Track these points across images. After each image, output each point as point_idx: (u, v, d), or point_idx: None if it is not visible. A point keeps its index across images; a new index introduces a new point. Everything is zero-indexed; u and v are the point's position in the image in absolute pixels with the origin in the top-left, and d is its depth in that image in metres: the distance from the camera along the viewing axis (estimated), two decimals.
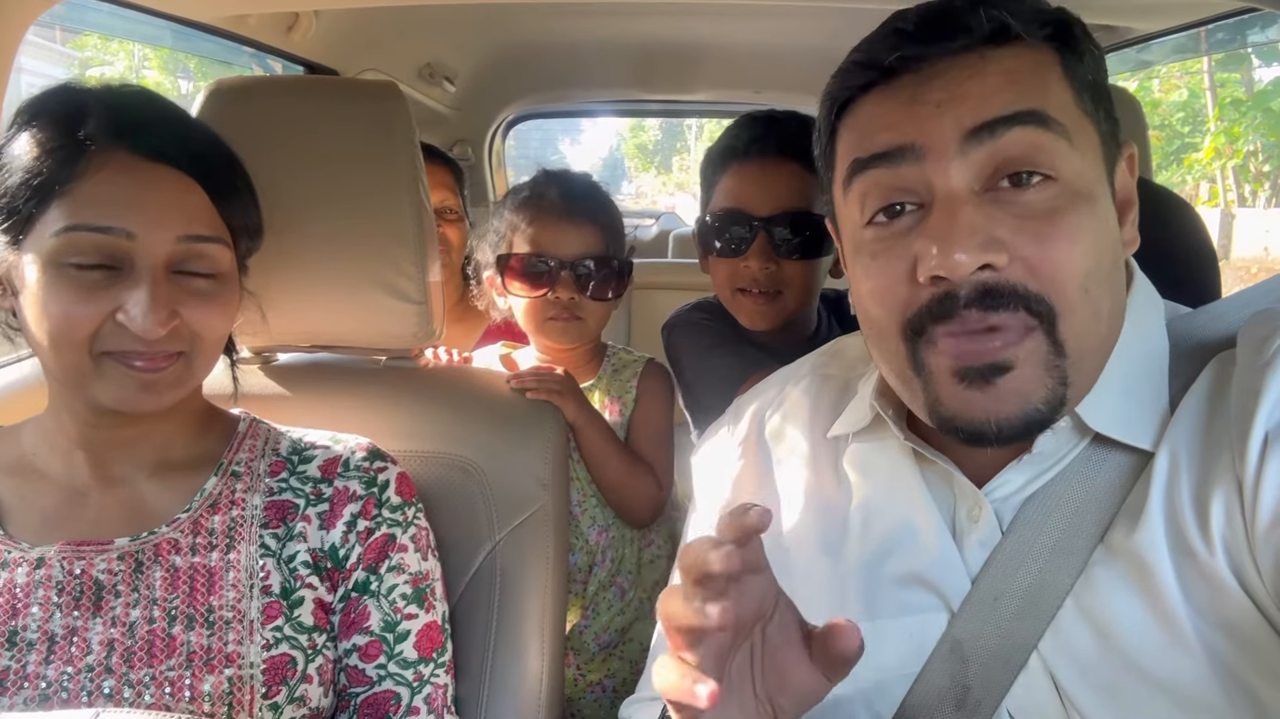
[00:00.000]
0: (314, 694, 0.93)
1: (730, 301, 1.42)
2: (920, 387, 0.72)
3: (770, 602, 0.63)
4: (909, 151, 0.70)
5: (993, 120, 0.67)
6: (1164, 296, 0.79)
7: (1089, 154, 0.70)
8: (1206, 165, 12.39)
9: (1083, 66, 0.71)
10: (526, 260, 1.44)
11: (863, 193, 0.74)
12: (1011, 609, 0.71)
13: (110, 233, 0.83)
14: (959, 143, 0.68)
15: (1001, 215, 0.67)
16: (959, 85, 0.69)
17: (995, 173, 0.68)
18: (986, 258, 0.66)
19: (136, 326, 0.83)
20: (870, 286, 0.73)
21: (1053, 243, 0.66)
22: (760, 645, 0.64)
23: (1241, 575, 0.62)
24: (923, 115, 0.70)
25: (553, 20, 2.36)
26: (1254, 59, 12.04)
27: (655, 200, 23.77)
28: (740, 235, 1.35)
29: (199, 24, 1.68)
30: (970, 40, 0.69)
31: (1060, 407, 0.68)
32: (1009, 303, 0.66)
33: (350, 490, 0.98)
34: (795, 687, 0.63)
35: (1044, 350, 0.67)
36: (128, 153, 0.86)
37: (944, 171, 0.69)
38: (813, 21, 2.21)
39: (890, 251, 0.71)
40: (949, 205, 0.68)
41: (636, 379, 1.54)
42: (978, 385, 0.68)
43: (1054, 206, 0.67)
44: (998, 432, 0.68)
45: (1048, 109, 0.68)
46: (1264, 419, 0.62)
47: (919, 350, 0.70)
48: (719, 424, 1.00)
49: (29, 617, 0.85)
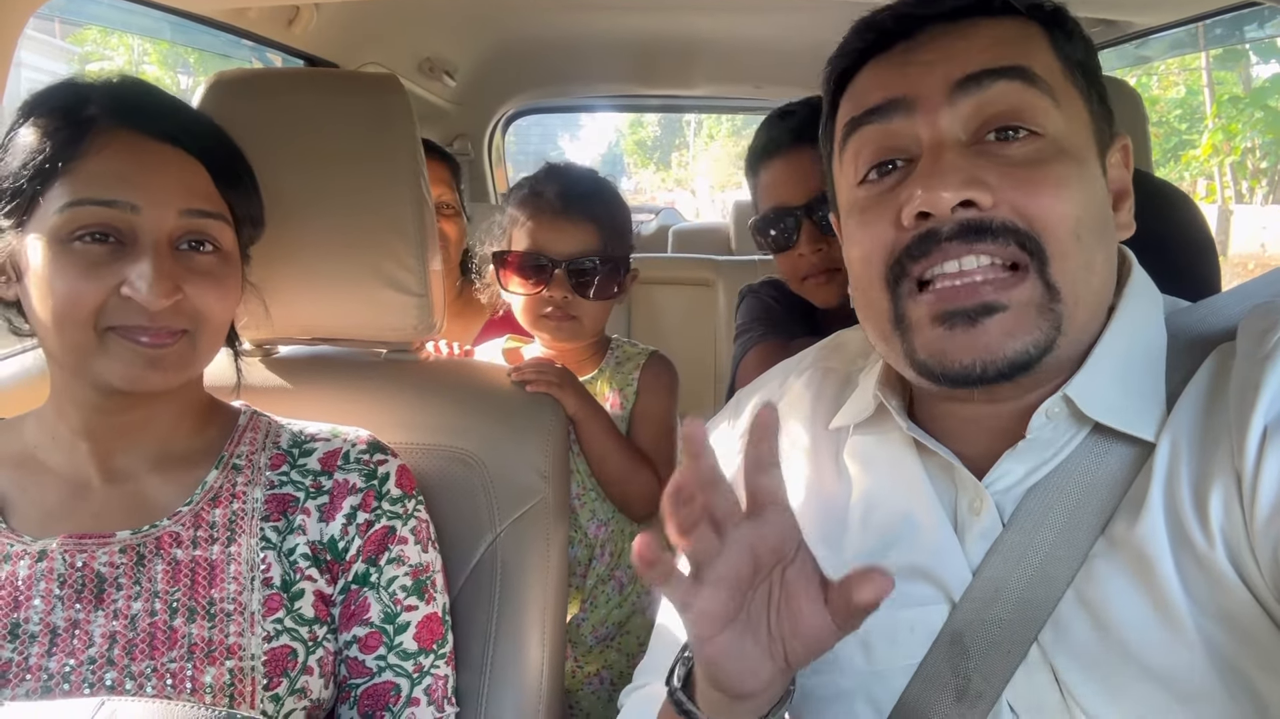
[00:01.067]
0: (315, 686, 0.93)
1: (800, 289, 1.49)
2: (899, 341, 0.73)
3: (791, 544, 0.64)
4: (899, 104, 0.73)
5: (979, 72, 0.71)
6: (1163, 289, 0.79)
7: (1076, 120, 0.73)
8: (1204, 162, 12.40)
9: (1071, 44, 0.74)
10: (523, 257, 1.45)
11: (856, 150, 0.77)
12: (1012, 601, 0.71)
13: (115, 206, 0.84)
14: (946, 94, 0.72)
15: (987, 163, 0.70)
16: (949, 47, 0.73)
17: (982, 126, 0.71)
18: (969, 193, 0.68)
19: (141, 298, 0.83)
20: (859, 239, 0.76)
21: (1040, 189, 0.68)
22: (779, 587, 0.64)
23: (1240, 568, 0.62)
24: (913, 73, 0.74)
25: (553, 15, 2.36)
26: (1252, 55, 12.06)
27: (654, 196, 23.79)
28: (787, 228, 1.42)
29: (199, 17, 1.68)
30: (959, 4, 0.74)
31: (1049, 350, 0.69)
32: (995, 235, 0.68)
33: (350, 483, 0.99)
34: (806, 631, 0.63)
35: (1038, 293, 0.68)
36: (131, 131, 0.87)
37: (932, 122, 0.72)
38: (812, 16, 2.21)
39: (879, 205, 0.74)
40: (935, 151, 0.71)
41: (639, 372, 1.54)
42: (962, 326, 0.69)
43: (1040, 159, 0.70)
44: (983, 372, 0.69)
45: (1033, 67, 0.71)
46: (1263, 412, 0.62)
47: (900, 302, 0.72)
48: (720, 417, 1.00)
49: (31, 609, 0.85)
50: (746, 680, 0.65)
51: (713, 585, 0.62)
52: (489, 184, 3.44)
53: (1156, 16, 1.80)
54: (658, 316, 2.68)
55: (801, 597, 0.64)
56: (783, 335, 1.48)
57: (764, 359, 1.35)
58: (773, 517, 0.63)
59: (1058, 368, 0.71)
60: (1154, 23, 1.83)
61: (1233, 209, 11.78)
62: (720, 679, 0.65)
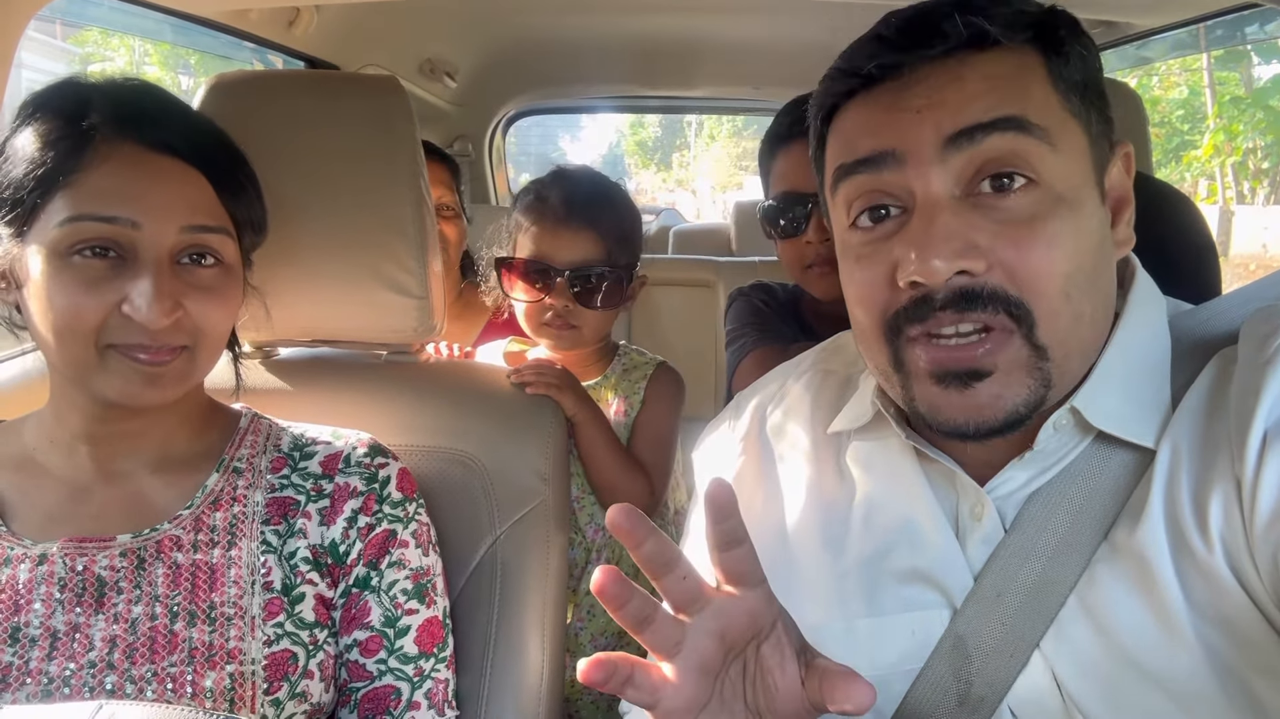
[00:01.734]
0: (315, 690, 0.93)
1: (801, 279, 1.49)
2: (900, 383, 0.73)
3: (766, 619, 0.62)
4: (890, 158, 0.71)
5: (972, 127, 0.68)
6: (1164, 292, 0.79)
7: (1073, 157, 0.70)
8: (1205, 163, 12.39)
9: (1069, 67, 0.71)
10: (525, 265, 1.44)
11: (847, 197, 0.75)
12: (1014, 606, 0.71)
13: (115, 222, 0.84)
14: (938, 149, 0.69)
15: (981, 221, 0.68)
16: (939, 91, 0.69)
17: (976, 175, 0.69)
18: (962, 264, 0.67)
19: (141, 316, 0.83)
20: (855, 290, 0.75)
21: (1031, 248, 0.67)
22: (754, 663, 0.63)
23: (1240, 573, 0.62)
24: (903, 122, 0.70)
25: (554, 16, 2.37)
26: (1253, 56, 12.04)
27: (655, 197, 23.78)
28: (797, 215, 1.42)
29: (200, 19, 1.67)
30: (948, 46, 0.69)
31: (1039, 405, 0.69)
32: (986, 304, 0.67)
33: (351, 486, 0.98)
34: (783, 708, 0.62)
35: (1025, 354, 0.68)
36: (133, 144, 0.86)
37: (924, 177, 0.70)
38: (812, 17, 2.21)
39: (873, 256, 0.73)
40: (928, 211, 0.69)
41: (646, 382, 1.53)
42: (955, 388, 0.69)
43: (1034, 212, 0.68)
44: (975, 430, 0.69)
45: (1028, 114, 0.68)
46: (1263, 418, 0.62)
47: (900, 349, 0.72)
48: (720, 419, 1.00)
49: (31, 613, 0.85)
50: None
51: (678, 679, 0.60)
52: (489, 185, 3.44)
53: (1157, 18, 1.79)
54: (658, 318, 2.68)
55: (776, 673, 0.62)
56: (776, 339, 1.48)
57: (761, 364, 1.35)
58: (744, 594, 0.61)
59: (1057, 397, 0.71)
60: (1155, 24, 1.82)
61: (1234, 210, 11.76)
62: None
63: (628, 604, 0.58)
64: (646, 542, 0.58)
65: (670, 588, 0.60)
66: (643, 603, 0.59)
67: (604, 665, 0.57)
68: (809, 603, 0.77)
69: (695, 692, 0.60)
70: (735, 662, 0.63)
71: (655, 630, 0.59)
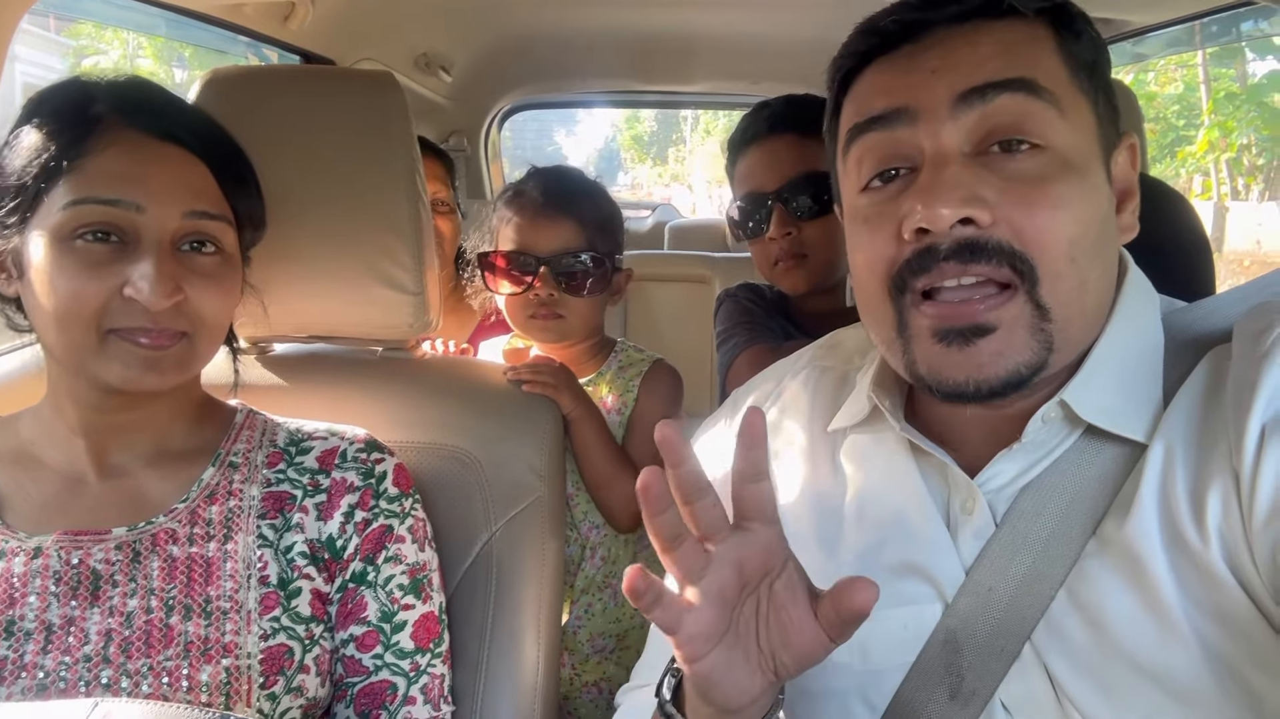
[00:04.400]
0: (311, 684, 0.93)
1: (770, 276, 1.52)
2: (901, 348, 0.74)
3: (779, 558, 0.64)
4: (903, 114, 0.73)
5: (983, 85, 0.70)
6: (1158, 289, 0.79)
7: (1081, 128, 0.72)
8: (1200, 158, 12.40)
9: (1079, 45, 0.73)
10: (507, 257, 1.44)
11: (859, 157, 0.77)
12: (1005, 600, 0.71)
13: (119, 205, 0.84)
14: (950, 106, 0.71)
15: (989, 176, 0.69)
16: (953, 53, 0.72)
17: (986, 137, 0.71)
18: (968, 211, 0.68)
19: (143, 297, 0.83)
20: (862, 254, 0.76)
21: (1038, 208, 0.68)
22: (767, 600, 0.65)
23: (1237, 568, 0.62)
24: (917, 81, 0.73)
25: (550, 10, 2.36)
26: (1248, 52, 12.05)
27: (651, 192, 23.78)
28: (759, 214, 1.45)
29: (194, 12, 1.67)
30: (964, 9, 0.72)
31: (1041, 369, 0.70)
32: (989, 256, 0.68)
33: (348, 482, 0.99)
34: (798, 645, 0.64)
35: (1028, 313, 0.69)
36: (137, 131, 0.87)
37: (935, 134, 0.71)
38: (809, 12, 2.21)
39: (881, 215, 0.74)
40: (937, 164, 0.71)
41: (640, 379, 1.53)
42: (957, 345, 0.70)
43: (1042, 174, 0.69)
44: (975, 390, 0.70)
45: (1038, 77, 0.70)
46: (1260, 412, 0.62)
47: (903, 311, 0.73)
48: (716, 416, 1.00)
49: (26, 606, 0.85)
50: (736, 695, 0.65)
51: (700, 604, 0.62)
52: (485, 181, 3.43)
53: (1153, 15, 1.80)
54: (654, 313, 2.68)
55: (790, 609, 0.64)
56: (767, 338, 1.49)
57: (754, 363, 1.35)
58: (760, 529, 0.64)
59: (1053, 377, 0.72)
60: (1151, 21, 1.83)
61: (1228, 206, 11.79)
62: (710, 695, 0.65)
63: (665, 513, 0.61)
64: (686, 461, 0.61)
65: (700, 513, 0.62)
66: (677, 520, 0.61)
67: (642, 578, 0.60)
68: None
69: (715, 619, 0.63)
70: (750, 598, 0.65)
71: (684, 552, 0.62)
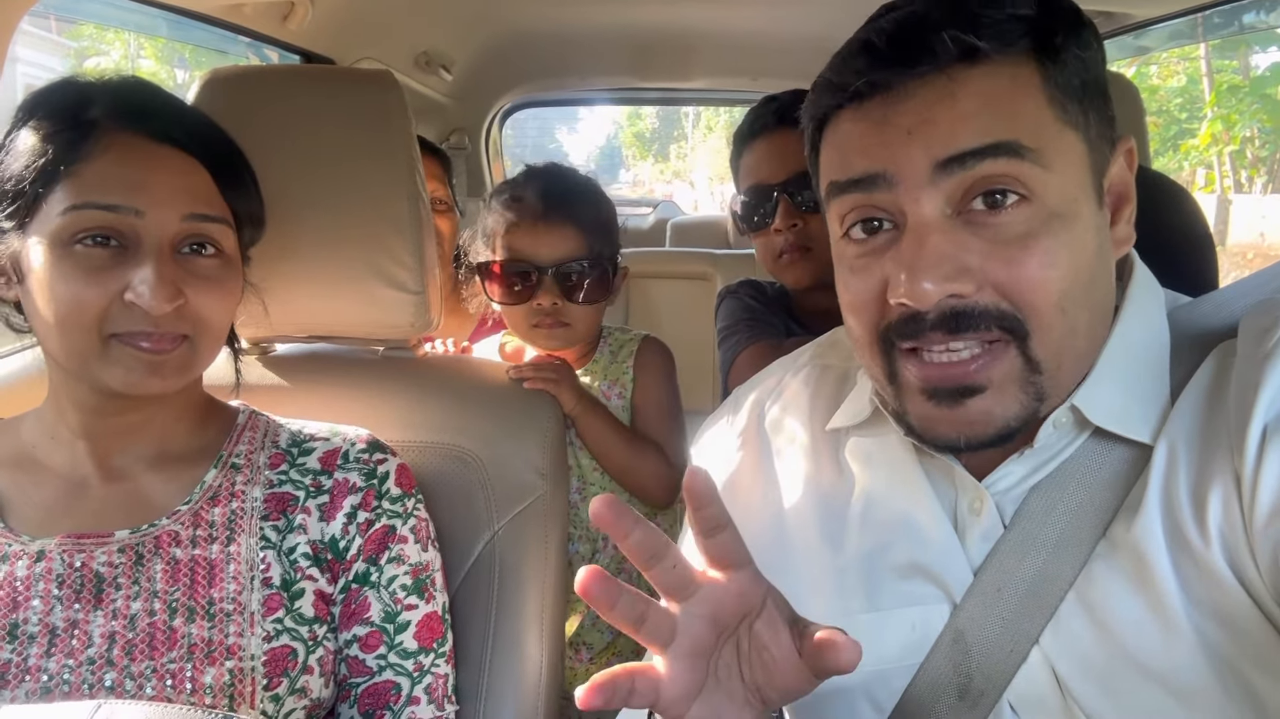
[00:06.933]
0: (315, 685, 0.93)
1: (773, 269, 1.51)
2: (893, 395, 0.74)
3: (755, 598, 0.63)
4: (881, 179, 0.70)
5: (963, 153, 0.67)
6: (1161, 283, 0.79)
7: (1069, 172, 0.69)
8: (1203, 151, 12.35)
9: (1066, 72, 0.68)
10: (507, 267, 1.41)
11: (840, 212, 0.75)
12: (1014, 601, 0.71)
13: (118, 210, 0.84)
14: (929, 173, 0.68)
15: (973, 240, 0.67)
16: (929, 110, 0.68)
17: (968, 193, 0.68)
18: (952, 288, 0.67)
19: (144, 302, 0.83)
20: (849, 299, 0.76)
21: (1025, 267, 0.67)
22: (748, 640, 0.63)
23: (1238, 569, 0.62)
24: (894, 142, 0.69)
25: (550, 8, 2.35)
26: (1251, 45, 12.00)
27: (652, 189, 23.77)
28: (765, 206, 1.45)
29: (194, 13, 1.67)
30: (937, 63, 0.67)
31: (1031, 419, 0.70)
32: (976, 324, 0.67)
33: (350, 482, 0.98)
34: (782, 684, 0.62)
35: (1018, 367, 0.68)
36: (134, 134, 0.87)
37: (915, 200, 0.69)
38: (808, 9, 2.20)
39: (866, 269, 0.73)
40: (919, 232, 0.68)
41: (633, 359, 1.52)
42: (947, 404, 0.70)
43: (1028, 230, 0.67)
44: (967, 444, 0.70)
45: (1021, 137, 0.66)
46: (1262, 412, 0.62)
47: (894, 361, 0.72)
48: (718, 414, 1.00)
49: (29, 610, 0.85)
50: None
51: (672, 668, 0.61)
52: (487, 179, 3.43)
53: (1156, 8, 1.79)
54: (656, 311, 2.68)
55: (773, 648, 0.62)
56: (769, 335, 1.49)
57: (755, 360, 1.35)
58: (731, 575, 0.62)
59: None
60: (1153, 14, 1.82)
61: (1232, 198, 11.75)
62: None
63: (617, 603, 0.58)
64: (633, 532, 0.59)
65: (660, 577, 0.60)
66: (632, 601, 0.59)
67: (603, 689, 0.58)
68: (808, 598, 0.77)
69: (690, 678, 0.61)
70: (729, 642, 0.63)
71: (649, 627, 0.60)
